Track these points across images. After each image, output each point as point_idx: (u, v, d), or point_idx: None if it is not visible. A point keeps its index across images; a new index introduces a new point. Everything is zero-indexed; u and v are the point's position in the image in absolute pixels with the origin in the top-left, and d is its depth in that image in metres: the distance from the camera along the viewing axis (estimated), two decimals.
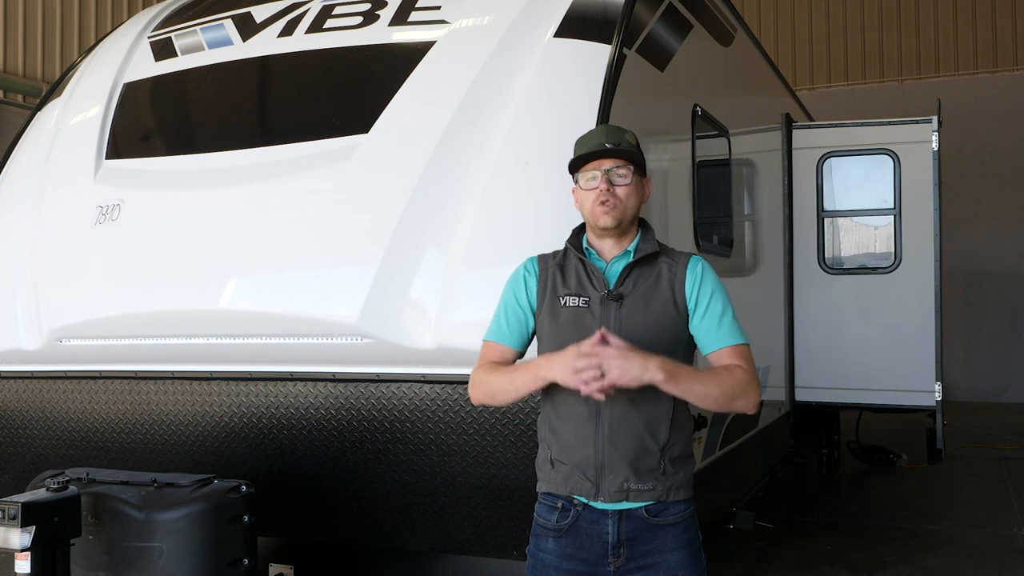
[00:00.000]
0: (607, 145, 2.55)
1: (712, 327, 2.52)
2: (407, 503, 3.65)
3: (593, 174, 2.55)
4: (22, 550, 3.06)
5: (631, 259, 2.55)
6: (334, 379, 3.68)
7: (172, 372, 4.02)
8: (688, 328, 2.53)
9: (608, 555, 2.49)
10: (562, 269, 2.59)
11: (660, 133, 4.41)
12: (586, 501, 2.49)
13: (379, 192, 3.69)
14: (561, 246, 2.66)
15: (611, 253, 2.58)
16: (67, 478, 3.32)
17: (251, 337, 3.80)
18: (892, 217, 7.09)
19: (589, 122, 3.51)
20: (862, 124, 7.41)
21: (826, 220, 7.18)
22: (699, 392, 2.41)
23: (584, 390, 2.28)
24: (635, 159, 2.57)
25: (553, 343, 2.48)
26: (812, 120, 8.23)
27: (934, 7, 15.42)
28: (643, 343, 2.40)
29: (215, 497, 3.37)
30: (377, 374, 3.60)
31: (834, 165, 7.18)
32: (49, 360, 4.26)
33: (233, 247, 3.87)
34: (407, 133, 3.75)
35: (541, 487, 2.60)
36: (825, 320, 7.06)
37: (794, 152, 7.18)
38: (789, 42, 16.19)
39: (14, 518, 3.03)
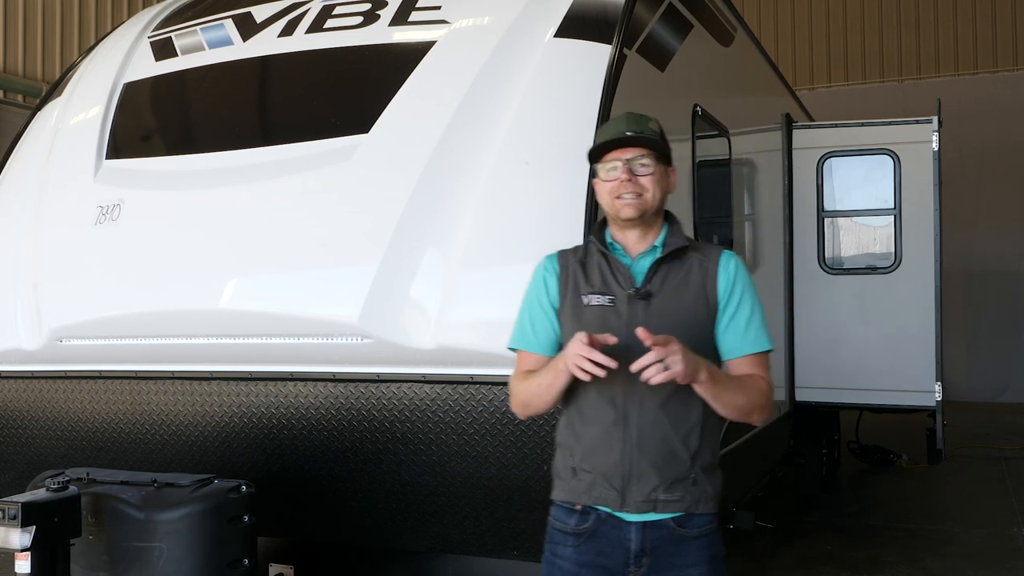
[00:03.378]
0: (628, 133, 2.41)
1: (739, 330, 2.40)
2: (407, 503, 3.65)
3: (614, 164, 2.41)
4: (22, 550, 3.06)
5: (659, 255, 2.41)
6: (334, 379, 3.68)
7: (172, 372, 4.02)
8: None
9: (630, 564, 2.37)
10: (584, 266, 2.45)
11: None
12: (610, 511, 2.37)
13: (379, 192, 3.69)
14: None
15: (636, 248, 2.43)
16: (67, 478, 3.32)
17: (251, 337, 3.80)
18: (892, 217, 7.09)
19: (589, 122, 3.51)
20: (862, 124, 7.41)
21: (826, 220, 7.17)
22: (729, 400, 2.31)
23: (655, 380, 2.15)
24: (658, 148, 2.42)
25: None
26: (812, 120, 8.22)
27: (934, 7, 15.42)
28: None
29: (215, 497, 3.37)
30: (377, 374, 3.60)
31: (834, 165, 7.18)
32: (49, 360, 4.26)
33: (233, 247, 3.87)
34: (407, 133, 3.75)
35: (559, 495, 2.46)
36: (825, 320, 7.06)
37: (794, 152, 7.18)
38: (789, 42, 16.18)
39: (14, 518, 3.03)
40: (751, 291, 2.44)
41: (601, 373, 2.18)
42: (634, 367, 2.17)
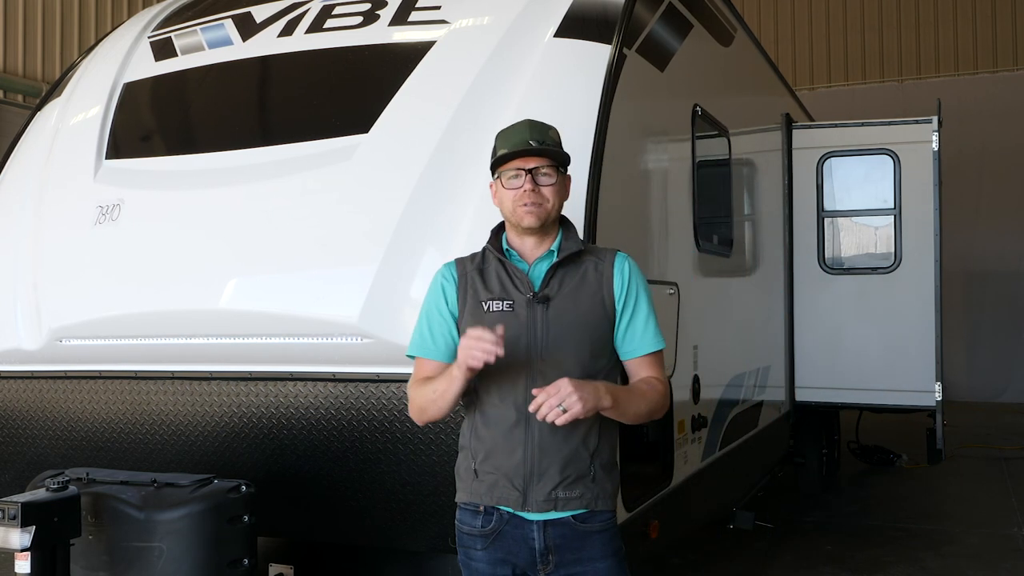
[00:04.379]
0: (532, 143, 2.45)
1: (637, 331, 2.47)
2: (407, 503, 3.65)
3: (516, 172, 2.46)
4: (22, 550, 3.06)
5: (555, 259, 2.46)
6: (334, 379, 3.68)
7: (172, 372, 4.02)
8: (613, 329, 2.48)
9: (537, 562, 2.44)
10: (482, 272, 2.50)
11: (660, 133, 4.41)
12: (512, 511, 2.44)
13: (379, 192, 3.68)
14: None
15: (533, 254, 2.49)
16: (67, 478, 3.31)
17: (251, 337, 3.79)
18: (892, 217, 7.10)
19: (589, 122, 3.51)
20: (862, 124, 7.42)
21: (826, 220, 7.18)
22: (633, 412, 2.40)
23: (559, 421, 2.23)
24: (559, 158, 2.49)
25: None
26: (812, 120, 8.23)
27: (934, 7, 15.42)
28: (573, 345, 2.37)
29: (215, 497, 3.37)
30: (377, 374, 3.60)
31: (834, 165, 7.19)
32: (49, 360, 4.26)
33: (233, 247, 3.87)
34: (407, 133, 3.75)
35: (461, 497, 2.53)
36: (825, 320, 7.07)
37: (794, 152, 7.19)
38: (789, 42, 16.19)
39: (14, 518, 3.03)
40: (645, 291, 2.51)
41: (491, 359, 2.22)
42: (531, 408, 2.25)
